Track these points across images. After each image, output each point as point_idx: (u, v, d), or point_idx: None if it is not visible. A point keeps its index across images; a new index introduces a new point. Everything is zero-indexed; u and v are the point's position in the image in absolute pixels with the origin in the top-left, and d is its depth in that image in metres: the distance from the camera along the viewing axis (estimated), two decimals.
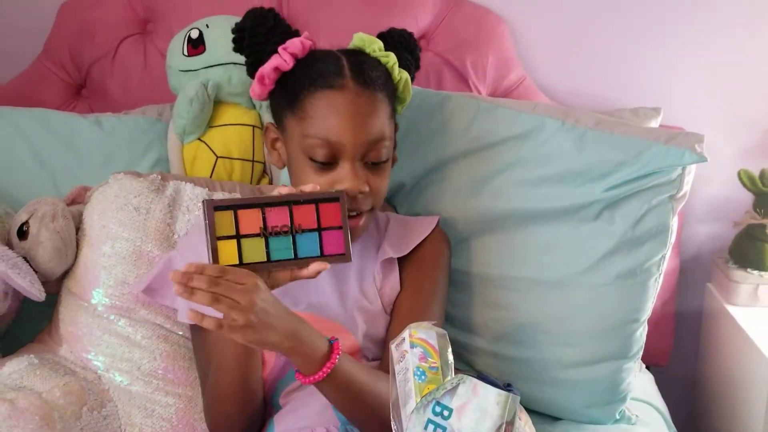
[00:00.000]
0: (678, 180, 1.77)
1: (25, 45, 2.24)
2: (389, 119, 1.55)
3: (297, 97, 1.50)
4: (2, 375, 1.67)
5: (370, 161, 1.50)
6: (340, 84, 1.49)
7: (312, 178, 1.47)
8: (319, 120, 1.48)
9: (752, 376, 2.01)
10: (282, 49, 1.52)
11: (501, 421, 1.13)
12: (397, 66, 1.58)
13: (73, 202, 1.87)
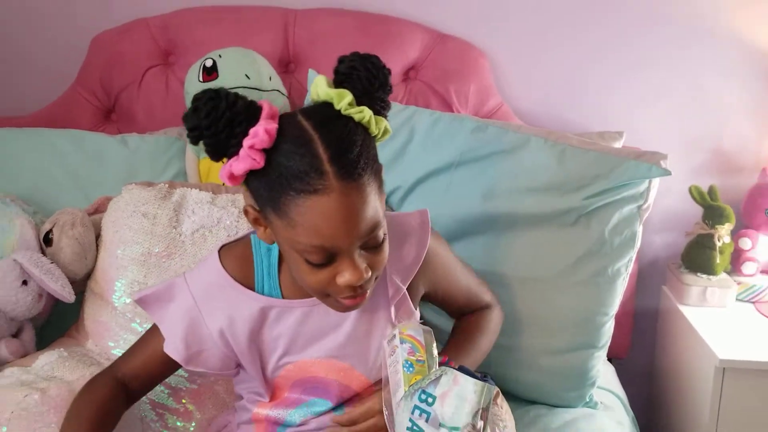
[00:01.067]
0: (645, 192, 1.81)
1: (61, 74, 2.21)
2: (379, 194, 1.23)
3: (277, 201, 1.16)
4: (36, 367, 1.66)
5: (369, 246, 1.22)
6: (323, 186, 1.13)
7: (309, 274, 1.22)
8: (308, 228, 1.16)
9: (700, 368, 1.99)
10: (249, 147, 1.14)
11: (478, 407, 1.15)
12: (373, 119, 1.21)
13: (97, 211, 1.87)
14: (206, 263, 1.40)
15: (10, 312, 1.73)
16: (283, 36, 2.17)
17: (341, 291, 1.22)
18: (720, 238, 2.14)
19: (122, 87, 2.18)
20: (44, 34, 2.25)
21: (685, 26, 2.20)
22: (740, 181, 2.27)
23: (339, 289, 1.22)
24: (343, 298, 1.24)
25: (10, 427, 1.53)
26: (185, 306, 1.37)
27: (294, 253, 1.21)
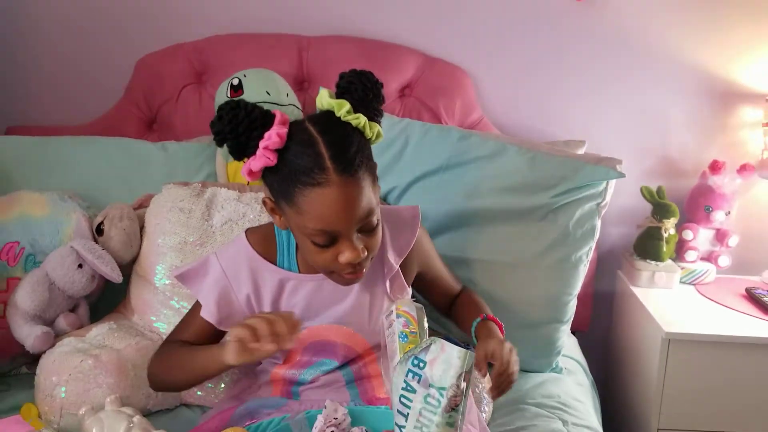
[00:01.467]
0: (603, 191, 1.83)
1: (111, 90, 2.21)
2: (373, 187, 1.28)
3: (288, 193, 1.22)
4: (89, 337, 1.68)
5: (364, 231, 1.27)
6: (324, 180, 1.19)
7: (315, 254, 1.28)
8: (314, 215, 1.21)
9: (649, 339, 2.00)
10: (264, 148, 1.22)
11: (461, 370, 1.14)
12: (367, 124, 1.26)
13: (141, 206, 1.87)
14: (234, 242, 1.45)
15: (68, 290, 1.74)
16: (298, 59, 2.17)
17: (343, 268, 1.28)
18: (666, 231, 2.15)
19: (162, 101, 2.17)
20: (98, 56, 2.24)
21: (637, 52, 2.20)
22: (683, 183, 2.27)
23: (341, 267, 1.28)
24: (345, 274, 1.30)
25: (68, 387, 1.55)
26: (216, 277, 1.40)
27: (303, 237, 1.27)
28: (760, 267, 2.26)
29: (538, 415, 1.67)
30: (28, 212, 1.81)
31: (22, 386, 1.68)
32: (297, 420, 1.29)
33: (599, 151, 2.00)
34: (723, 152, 2.24)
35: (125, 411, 1.48)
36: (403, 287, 1.47)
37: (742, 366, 1.91)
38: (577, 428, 1.64)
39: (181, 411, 1.68)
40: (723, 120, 2.24)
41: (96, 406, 1.52)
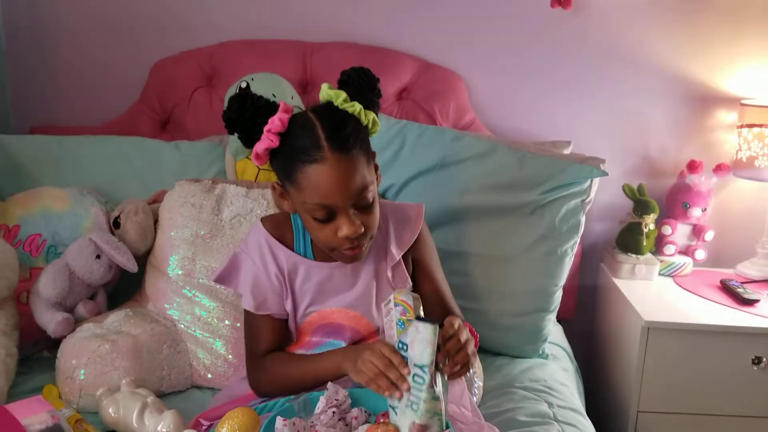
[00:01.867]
0: (588, 189, 1.83)
1: (127, 93, 2.21)
2: (368, 166, 1.32)
3: (290, 172, 1.28)
4: (107, 323, 1.69)
5: (360, 206, 1.31)
6: (321, 157, 1.24)
7: (319, 229, 1.32)
8: (312, 190, 1.27)
9: (630, 327, 2.00)
10: (267, 131, 1.28)
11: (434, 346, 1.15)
12: (362, 111, 1.31)
13: (155, 201, 1.87)
14: (252, 231, 1.48)
15: (87, 279, 1.75)
16: (302, 64, 2.17)
17: (342, 243, 1.32)
18: (646, 226, 2.15)
19: (175, 103, 2.17)
20: (116, 61, 2.24)
21: (621, 58, 2.20)
22: (663, 181, 2.27)
23: (340, 242, 1.32)
24: (344, 250, 1.33)
25: (87, 369, 1.57)
26: (247, 267, 1.43)
27: (305, 214, 1.32)
28: (734, 260, 2.26)
29: (526, 398, 1.68)
30: (50, 207, 1.82)
31: (44, 369, 1.69)
32: (301, 401, 1.30)
33: (584, 152, 2.01)
34: (700, 152, 2.24)
35: (140, 392, 1.50)
36: (405, 277, 1.48)
37: (716, 352, 1.92)
38: (561, 410, 1.65)
39: (193, 393, 1.69)
40: (700, 122, 2.24)
41: (112, 387, 1.54)
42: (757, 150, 2.09)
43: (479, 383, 1.68)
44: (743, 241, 2.27)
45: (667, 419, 1.96)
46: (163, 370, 1.65)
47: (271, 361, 1.41)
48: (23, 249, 1.77)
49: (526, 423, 1.57)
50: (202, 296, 1.72)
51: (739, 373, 1.92)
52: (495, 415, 1.59)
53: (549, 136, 2.19)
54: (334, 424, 1.23)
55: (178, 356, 1.68)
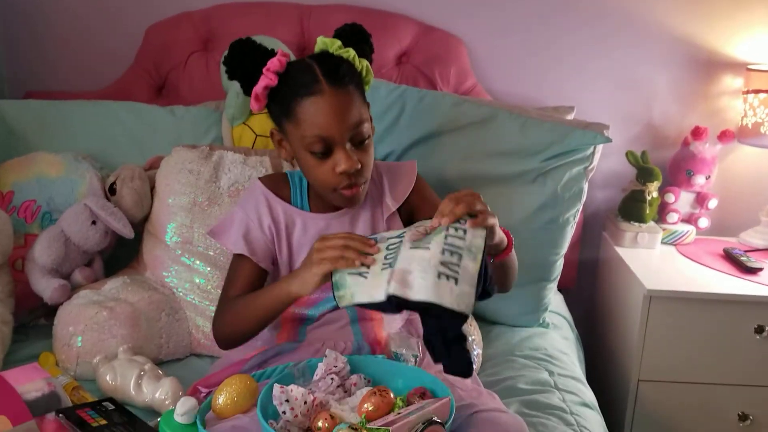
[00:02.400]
0: (591, 155, 1.81)
1: (122, 58, 2.18)
2: (363, 104, 1.38)
3: (288, 107, 1.34)
4: (105, 290, 1.69)
5: (356, 141, 1.35)
6: (318, 90, 1.31)
7: (316, 166, 1.36)
8: (310, 122, 1.32)
9: (632, 296, 2.00)
10: (266, 69, 1.34)
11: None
12: (356, 57, 1.39)
13: (151, 167, 1.86)
14: (249, 188, 1.54)
15: (83, 246, 1.74)
16: (300, 27, 2.14)
17: (340, 181, 1.35)
18: (650, 193, 2.14)
19: (171, 68, 2.15)
20: (110, 25, 2.21)
21: (625, 23, 2.17)
22: (666, 148, 2.26)
23: (339, 180, 1.35)
24: (343, 190, 1.36)
25: (84, 336, 1.57)
26: (240, 218, 1.46)
27: (303, 153, 1.36)
28: (738, 228, 2.26)
29: (526, 366, 1.69)
30: (45, 172, 1.81)
31: (40, 336, 1.70)
32: (299, 367, 1.30)
33: (587, 117, 1.99)
34: (705, 119, 2.23)
35: (137, 360, 1.50)
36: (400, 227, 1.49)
37: (719, 321, 1.92)
38: (562, 378, 1.66)
39: (191, 360, 1.70)
40: (705, 88, 2.22)
41: (110, 355, 1.54)
42: (762, 116, 2.07)
43: (478, 351, 1.68)
44: (747, 209, 2.26)
45: (668, 388, 1.97)
46: (162, 338, 1.65)
47: (231, 302, 1.43)
48: (18, 215, 1.77)
49: (526, 390, 1.58)
50: (200, 264, 1.72)
51: (741, 342, 1.92)
52: (495, 383, 1.60)
53: (552, 102, 2.17)
54: (333, 391, 1.23)
55: (177, 324, 1.68)
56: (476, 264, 1.12)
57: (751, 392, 1.96)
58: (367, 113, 1.39)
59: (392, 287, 1.12)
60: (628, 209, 2.17)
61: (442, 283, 1.11)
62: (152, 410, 1.42)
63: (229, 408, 1.22)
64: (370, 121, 1.41)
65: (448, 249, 1.14)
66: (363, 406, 1.14)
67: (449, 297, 1.10)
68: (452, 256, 1.13)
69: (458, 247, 1.14)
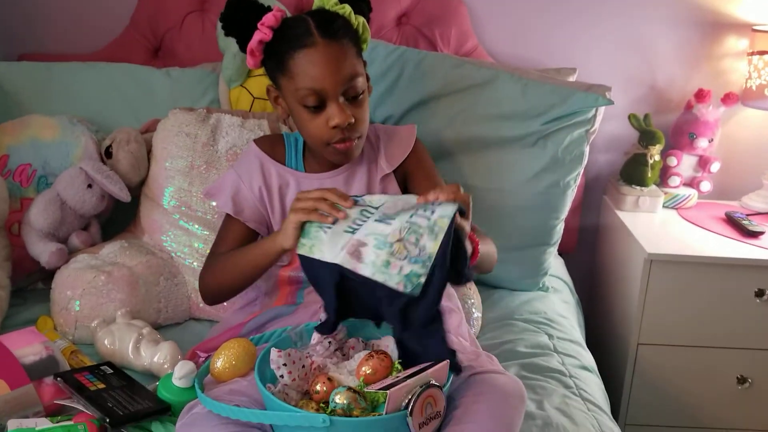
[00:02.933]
0: (592, 118, 1.79)
1: (117, 19, 2.15)
2: (357, 58, 1.38)
3: (282, 61, 1.34)
4: (102, 254, 1.68)
5: (350, 96, 1.36)
6: (311, 42, 1.32)
7: (310, 121, 1.36)
8: (303, 75, 1.33)
9: (632, 260, 1.99)
10: (260, 24, 1.35)
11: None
12: (353, 13, 1.39)
13: (148, 130, 1.85)
14: (245, 150, 1.55)
15: (79, 210, 1.73)
16: None
17: (334, 135, 1.36)
18: (652, 157, 2.12)
19: (167, 29, 2.12)
20: None
21: None
22: (670, 111, 2.23)
23: (332, 134, 1.36)
24: (336, 144, 1.37)
25: (82, 300, 1.57)
26: (231, 179, 1.48)
27: (297, 107, 1.37)
28: (740, 192, 2.25)
29: (526, 329, 1.70)
30: (40, 136, 1.80)
31: (38, 300, 1.70)
32: (297, 331, 1.30)
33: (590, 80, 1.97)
34: (708, 81, 2.20)
35: (135, 324, 1.51)
36: (396, 192, 1.51)
37: (719, 284, 1.92)
38: (561, 342, 1.66)
39: (191, 325, 1.71)
40: (709, 50, 2.19)
41: (108, 319, 1.54)
42: (767, 78, 2.05)
43: (477, 314, 1.68)
44: (750, 172, 2.25)
45: (668, 351, 1.98)
46: (160, 303, 1.66)
47: (219, 257, 1.45)
48: (13, 179, 1.76)
49: (525, 354, 1.58)
50: (198, 228, 1.72)
51: (742, 305, 1.93)
52: (494, 346, 1.60)
53: (553, 64, 2.15)
54: (330, 355, 1.23)
55: (176, 288, 1.68)
56: (435, 244, 1.10)
57: (750, 355, 1.97)
58: (362, 69, 1.39)
59: (341, 257, 1.15)
60: (630, 173, 2.16)
61: (393, 262, 1.11)
62: (151, 374, 1.42)
63: (227, 372, 1.22)
64: (367, 79, 1.41)
65: (409, 227, 1.13)
66: (361, 369, 1.15)
67: (397, 276, 1.10)
68: (411, 235, 1.12)
69: (420, 226, 1.12)
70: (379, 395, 1.08)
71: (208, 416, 1.12)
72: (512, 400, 1.19)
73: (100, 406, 1.20)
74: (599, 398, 1.50)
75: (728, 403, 2.01)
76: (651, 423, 2.03)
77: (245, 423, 1.11)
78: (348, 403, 1.06)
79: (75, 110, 1.88)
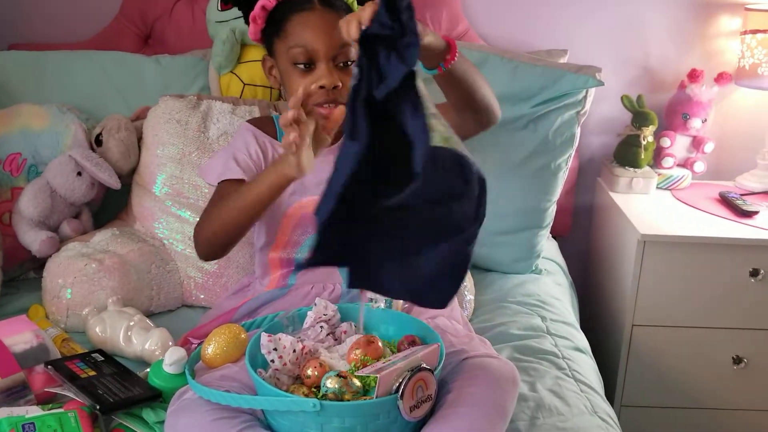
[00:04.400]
0: (583, 100, 1.78)
1: (107, 7, 2.13)
2: None
3: (280, 24, 1.40)
4: (94, 242, 1.68)
5: (340, 62, 1.38)
6: (310, 6, 1.38)
7: (299, 81, 1.36)
8: (297, 34, 1.38)
9: (626, 241, 1.98)
10: None
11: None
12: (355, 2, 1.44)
13: (138, 118, 1.84)
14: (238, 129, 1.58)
15: (69, 198, 1.73)
16: None
17: (319, 96, 1.36)
18: (645, 138, 2.11)
19: (156, 17, 2.10)
20: None
21: None
22: (663, 92, 2.21)
23: (318, 94, 1.35)
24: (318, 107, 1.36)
25: (73, 289, 1.57)
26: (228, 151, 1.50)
27: (288, 66, 1.40)
28: (734, 172, 2.24)
29: (519, 312, 1.69)
30: (30, 125, 1.78)
31: (30, 289, 1.70)
32: (289, 316, 1.29)
33: (582, 61, 1.95)
34: (701, 61, 2.18)
35: (127, 311, 1.50)
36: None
37: (714, 265, 1.91)
38: (554, 324, 1.66)
39: (183, 311, 1.70)
40: (702, 29, 2.18)
41: (99, 306, 1.54)
42: (761, 57, 2.04)
43: (470, 297, 1.68)
44: (744, 152, 2.24)
45: (662, 332, 1.97)
46: (152, 290, 1.65)
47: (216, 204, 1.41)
48: (3, 168, 1.75)
49: (518, 336, 1.58)
50: (191, 215, 1.71)
51: (737, 285, 1.92)
52: (487, 329, 1.60)
53: (546, 46, 2.13)
54: (322, 339, 1.22)
55: (168, 276, 1.68)
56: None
57: (745, 335, 1.97)
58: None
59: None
60: (624, 154, 2.14)
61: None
62: (142, 361, 1.42)
63: (219, 358, 1.22)
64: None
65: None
66: (352, 354, 1.14)
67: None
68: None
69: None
70: (371, 379, 1.08)
71: (199, 402, 1.12)
72: (505, 384, 1.19)
73: (90, 393, 1.19)
74: (592, 379, 1.50)
75: (724, 384, 2.00)
76: (647, 404, 2.03)
77: (236, 408, 1.10)
78: (339, 387, 1.06)
79: (65, 99, 1.87)
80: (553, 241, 2.14)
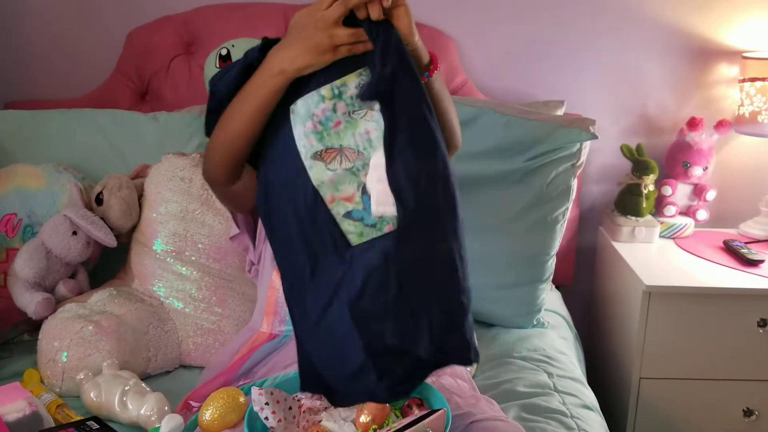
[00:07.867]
0: (578, 152, 1.80)
1: (103, 64, 2.15)
2: None
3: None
4: (90, 303, 1.66)
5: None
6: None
7: None
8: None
9: (631, 292, 1.97)
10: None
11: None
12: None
13: (137, 176, 1.83)
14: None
15: (65, 257, 1.71)
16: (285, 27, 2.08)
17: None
18: (646, 187, 2.11)
19: (153, 73, 2.11)
20: (91, 31, 2.18)
21: (618, 13, 2.14)
22: (662, 140, 2.23)
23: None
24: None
25: (69, 351, 1.55)
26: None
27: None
28: (737, 219, 2.23)
29: (524, 368, 1.66)
30: (25, 184, 1.78)
31: (25, 353, 1.67)
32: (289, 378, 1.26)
33: (580, 111, 1.97)
34: (700, 109, 2.20)
35: (122, 375, 1.48)
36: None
37: (721, 315, 1.89)
38: (562, 380, 1.63)
39: (180, 373, 1.68)
40: (700, 77, 2.19)
41: (95, 370, 1.51)
42: (760, 105, 2.05)
43: None
44: (746, 199, 2.24)
45: (671, 385, 1.95)
46: (149, 351, 1.63)
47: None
48: None
49: (525, 394, 1.55)
50: (192, 271, 1.70)
51: (745, 336, 1.90)
52: (493, 386, 1.57)
53: (543, 96, 2.15)
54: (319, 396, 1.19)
55: (165, 336, 1.66)
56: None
57: (755, 387, 1.94)
58: None
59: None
60: (625, 203, 2.14)
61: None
62: (138, 427, 1.39)
63: (216, 423, 1.19)
64: None
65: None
66: (360, 418, 1.11)
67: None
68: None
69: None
70: None
71: None
72: None
73: None
74: None
75: None
76: None
77: None
78: None
79: (62, 158, 1.87)
80: (557, 291, 2.12)
